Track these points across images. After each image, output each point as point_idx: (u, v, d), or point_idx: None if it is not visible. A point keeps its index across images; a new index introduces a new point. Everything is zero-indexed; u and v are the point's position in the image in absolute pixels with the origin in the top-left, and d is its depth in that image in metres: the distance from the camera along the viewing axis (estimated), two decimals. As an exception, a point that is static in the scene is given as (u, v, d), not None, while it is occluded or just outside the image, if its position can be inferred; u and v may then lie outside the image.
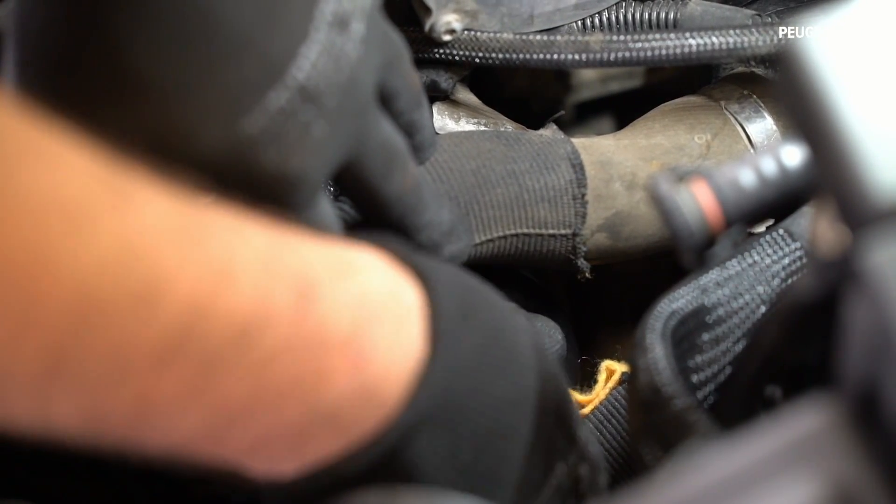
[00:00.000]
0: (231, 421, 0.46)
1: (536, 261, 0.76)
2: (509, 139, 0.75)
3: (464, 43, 0.78)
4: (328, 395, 0.47)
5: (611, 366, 0.77)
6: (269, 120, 0.53)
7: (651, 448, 0.56)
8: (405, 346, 0.50)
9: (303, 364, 0.46)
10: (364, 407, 0.49)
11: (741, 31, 0.75)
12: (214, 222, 0.45)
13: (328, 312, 0.47)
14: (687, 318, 0.59)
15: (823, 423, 0.39)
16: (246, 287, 0.44)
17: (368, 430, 0.49)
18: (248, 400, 0.45)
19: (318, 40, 0.54)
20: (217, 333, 0.43)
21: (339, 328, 0.47)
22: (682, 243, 0.51)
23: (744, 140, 0.80)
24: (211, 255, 0.44)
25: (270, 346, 0.45)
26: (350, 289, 0.48)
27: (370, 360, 0.48)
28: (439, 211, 0.65)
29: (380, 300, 0.50)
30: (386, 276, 0.51)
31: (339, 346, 0.47)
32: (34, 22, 0.54)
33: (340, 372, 0.47)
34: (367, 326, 0.48)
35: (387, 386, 0.49)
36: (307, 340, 0.46)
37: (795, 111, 0.41)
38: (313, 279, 0.47)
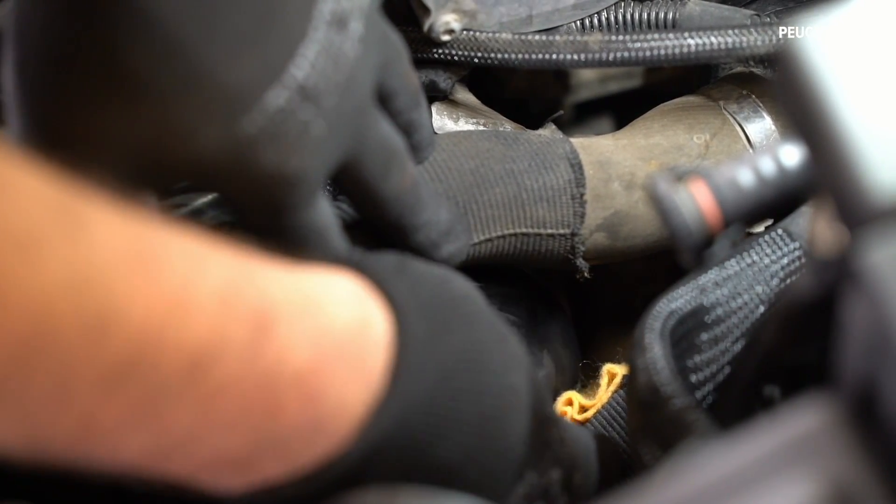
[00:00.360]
0: (177, 444, 0.45)
1: (535, 260, 0.76)
2: (508, 139, 0.75)
3: (462, 43, 0.78)
4: (277, 425, 0.47)
5: (612, 369, 0.77)
6: (267, 119, 0.53)
7: (650, 447, 0.56)
8: (363, 380, 0.49)
9: (254, 396, 0.46)
10: (313, 438, 0.48)
11: (740, 31, 0.75)
12: (172, 249, 0.44)
13: (285, 347, 0.46)
14: (686, 317, 0.59)
15: (821, 423, 0.39)
16: (200, 319, 0.44)
17: (316, 459, 0.49)
18: (194, 427, 0.45)
19: (316, 40, 0.54)
20: (166, 364, 0.43)
21: (295, 363, 0.47)
22: (680, 243, 0.51)
23: (742, 140, 0.80)
24: (165, 284, 0.43)
25: (220, 379, 0.45)
26: (310, 323, 0.48)
27: (324, 394, 0.48)
28: (437, 210, 0.65)
29: (342, 335, 0.49)
30: (352, 307, 0.50)
31: (292, 381, 0.47)
32: (33, 22, 0.54)
33: (292, 405, 0.47)
34: (325, 362, 0.48)
35: (339, 419, 0.49)
36: (260, 375, 0.46)
37: (794, 111, 0.41)
38: (272, 312, 0.46)
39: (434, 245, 0.65)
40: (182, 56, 0.51)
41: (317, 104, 0.54)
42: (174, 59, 0.51)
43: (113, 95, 0.52)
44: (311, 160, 0.55)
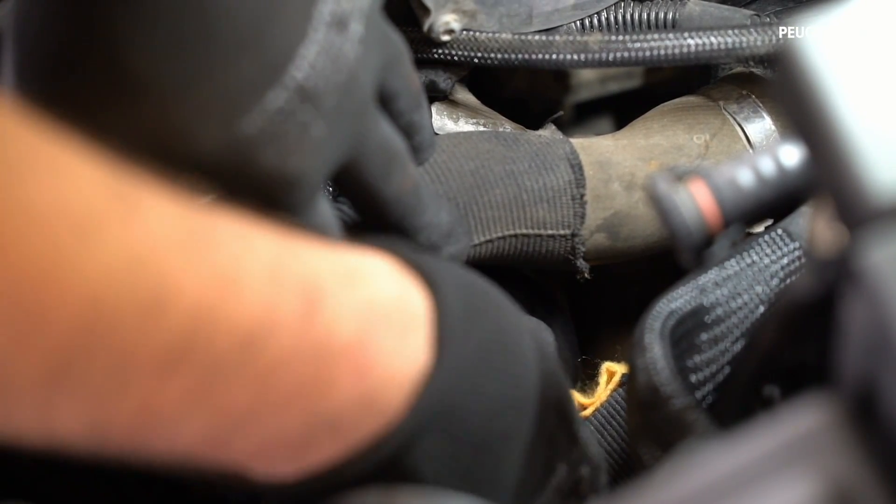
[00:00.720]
0: (234, 427, 0.46)
1: (535, 261, 0.76)
2: (508, 139, 0.75)
3: (462, 43, 0.78)
4: (331, 401, 0.47)
5: (611, 367, 0.77)
6: (267, 120, 0.53)
7: (649, 447, 0.56)
8: (409, 352, 0.50)
9: (307, 372, 0.46)
10: (366, 413, 0.49)
11: (740, 31, 0.75)
12: (221, 230, 0.45)
13: (333, 320, 0.47)
14: (685, 317, 0.59)
15: (821, 422, 0.39)
16: (252, 295, 0.44)
17: (369, 436, 0.49)
18: (251, 407, 0.45)
19: (316, 40, 0.54)
20: (222, 342, 0.43)
21: (344, 336, 0.47)
22: (680, 243, 0.51)
23: (742, 140, 0.80)
24: (217, 263, 0.44)
25: (275, 354, 0.45)
26: (356, 296, 0.48)
27: (374, 367, 0.48)
28: (438, 212, 0.65)
29: (386, 307, 0.49)
30: (392, 281, 0.51)
31: (343, 354, 0.47)
32: (32, 22, 0.54)
33: (344, 379, 0.47)
34: (372, 334, 0.48)
35: (389, 393, 0.49)
36: (312, 348, 0.46)
37: (793, 111, 0.41)
38: (319, 287, 0.47)
39: (435, 247, 0.65)
40: (181, 57, 0.51)
41: (316, 105, 0.54)
42: (173, 60, 0.51)
43: (112, 96, 0.52)
44: (311, 161, 0.55)
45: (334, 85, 0.55)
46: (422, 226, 0.64)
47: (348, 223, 0.64)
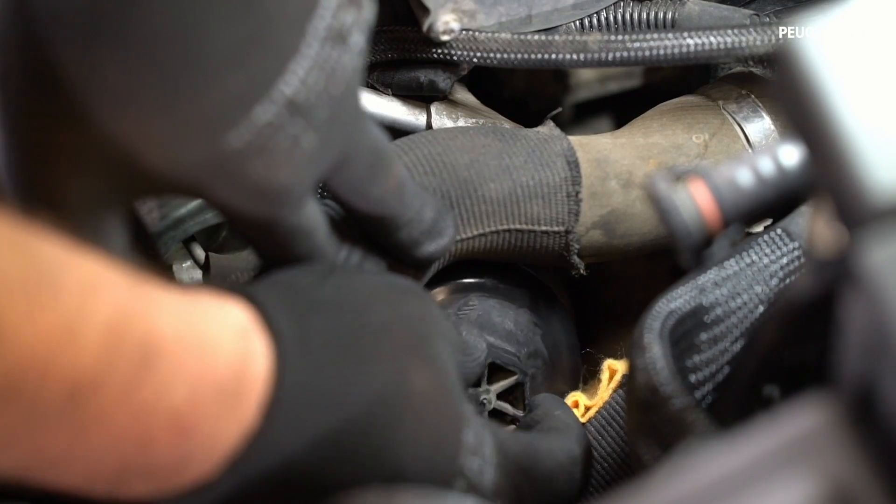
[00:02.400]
0: (49, 464, 0.46)
1: (529, 256, 0.76)
2: (505, 135, 0.75)
3: (462, 43, 0.78)
4: (146, 457, 0.48)
5: (612, 365, 0.77)
6: (255, 134, 0.53)
7: (649, 447, 0.56)
8: (238, 419, 0.50)
9: (126, 429, 0.47)
10: (181, 469, 0.50)
11: (739, 30, 0.75)
12: (66, 279, 0.45)
13: (163, 385, 0.47)
14: (685, 317, 0.59)
15: (820, 422, 0.39)
16: (86, 350, 0.44)
17: (185, 485, 0.50)
18: (67, 450, 0.46)
19: (308, 56, 0.54)
20: (48, 391, 0.44)
21: (171, 401, 0.48)
22: (679, 243, 0.51)
23: (742, 140, 0.80)
24: (56, 314, 0.43)
25: (97, 409, 0.45)
26: (193, 363, 0.49)
27: (195, 431, 0.49)
28: (421, 210, 0.65)
29: (223, 373, 0.50)
30: (238, 344, 0.51)
31: (165, 418, 0.48)
32: (12, 36, 0.53)
33: (162, 440, 0.48)
34: (202, 401, 0.49)
35: (209, 453, 0.50)
36: (135, 409, 0.47)
37: (793, 111, 0.41)
38: (157, 350, 0.47)
39: (415, 243, 0.65)
40: (164, 73, 0.51)
41: (307, 118, 0.54)
42: (156, 76, 0.51)
43: (93, 110, 0.52)
44: (301, 171, 0.56)
45: (328, 98, 0.55)
46: (403, 223, 0.64)
47: (336, 219, 0.65)
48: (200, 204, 0.77)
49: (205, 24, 0.50)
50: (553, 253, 0.76)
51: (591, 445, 0.78)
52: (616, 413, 0.77)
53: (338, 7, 0.55)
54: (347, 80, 0.56)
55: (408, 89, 0.82)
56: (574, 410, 0.79)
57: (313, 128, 0.55)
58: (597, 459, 0.76)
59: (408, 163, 0.72)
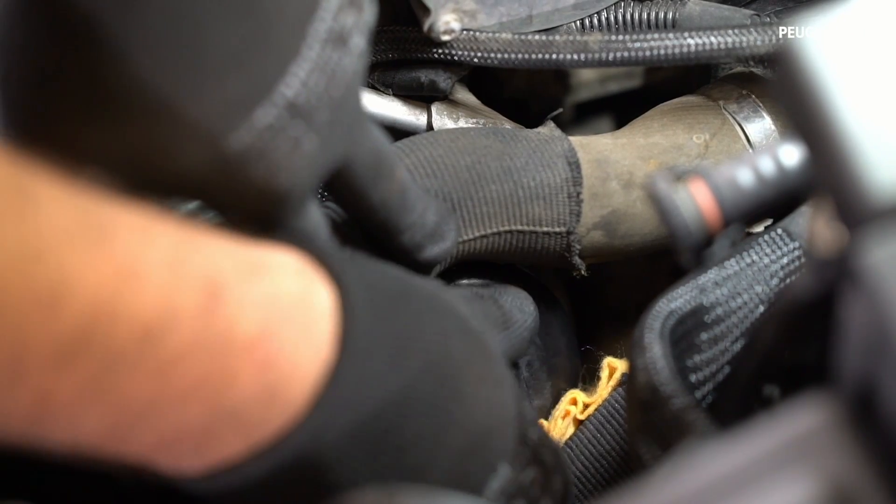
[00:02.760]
0: (135, 419, 0.46)
1: (530, 257, 0.76)
2: (506, 136, 0.75)
3: (462, 43, 0.78)
4: (233, 395, 0.47)
5: (612, 363, 0.77)
6: (256, 136, 0.53)
7: (649, 447, 0.56)
8: (313, 348, 0.50)
9: (208, 365, 0.46)
10: (269, 408, 0.49)
11: (740, 30, 0.75)
12: (120, 223, 0.45)
13: (235, 313, 0.47)
14: (685, 317, 0.59)
15: (820, 422, 0.39)
16: (151, 288, 0.44)
17: (273, 432, 0.49)
18: (151, 399, 0.46)
19: (309, 58, 0.54)
20: (120, 335, 0.43)
21: (246, 329, 0.47)
22: (680, 242, 0.51)
23: (742, 140, 0.80)
24: (115, 256, 0.44)
25: (175, 347, 0.45)
26: (258, 289, 0.49)
27: (276, 361, 0.48)
28: (424, 213, 0.65)
29: (289, 301, 0.50)
30: (297, 277, 0.51)
31: (244, 348, 0.47)
32: (14, 39, 0.54)
33: (246, 373, 0.47)
34: (275, 328, 0.48)
35: (293, 388, 0.49)
36: (213, 341, 0.46)
37: (793, 110, 0.41)
38: (221, 280, 0.47)
39: (418, 247, 0.65)
40: (165, 77, 0.51)
41: (308, 120, 0.54)
42: (157, 80, 0.51)
43: (94, 115, 0.52)
44: (302, 174, 0.56)
45: (328, 100, 0.55)
46: (405, 226, 0.64)
47: (337, 221, 0.65)
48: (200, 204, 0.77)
49: (205, 26, 0.51)
50: (554, 254, 0.76)
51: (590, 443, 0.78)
52: (615, 411, 0.77)
53: (338, 9, 0.55)
54: (348, 82, 0.56)
55: (408, 89, 0.82)
56: (572, 408, 0.79)
57: (314, 130, 0.55)
58: (595, 458, 0.76)
59: (409, 165, 0.72)
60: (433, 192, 0.71)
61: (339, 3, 0.55)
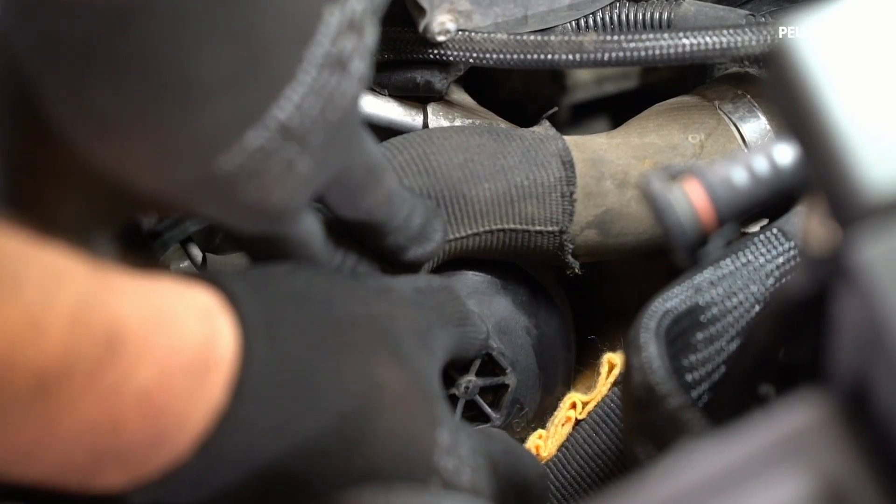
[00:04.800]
0: (20, 458, 0.47)
1: (523, 256, 0.76)
2: (500, 134, 0.75)
3: (458, 43, 0.78)
4: (118, 440, 0.48)
5: (612, 358, 0.77)
6: (247, 158, 0.53)
7: (645, 446, 0.56)
8: (207, 396, 0.51)
9: (96, 415, 0.47)
10: (153, 451, 0.50)
11: (735, 31, 0.75)
12: (28, 270, 0.45)
13: (131, 367, 0.47)
14: (681, 316, 0.59)
15: (814, 419, 0.40)
16: (52, 339, 0.45)
17: (157, 469, 0.50)
18: (36, 444, 0.46)
19: (304, 82, 0.53)
20: (15, 383, 0.44)
21: (139, 383, 0.48)
22: (674, 242, 0.52)
23: (738, 140, 0.80)
24: (21, 305, 0.44)
25: (67, 398, 0.46)
26: (159, 343, 0.49)
27: (165, 412, 0.49)
28: (409, 216, 0.65)
29: (189, 353, 0.50)
30: (202, 323, 0.51)
31: (135, 400, 0.48)
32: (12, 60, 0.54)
33: (133, 423, 0.48)
34: (169, 380, 0.49)
35: (180, 434, 0.50)
36: (105, 394, 0.47)
37: (786, 109, 0.41)
38: (122, 333, 0.47)
39: (401, 249, 0.66)
40: (155, 98, 0.51)
41: (301, 143, 0.54)
42: (146, 101, 0.51)
43: (82, 133, 0.52)
44: (295, 194, 0.56)
45: (325, 123, 0.55)
46: (390, 230, 0.65)
47: (330, 223, 0.65)
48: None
49: (198, 51, 0.50)
50: (547, 252, 0.76)
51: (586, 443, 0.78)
52: (611, 411, 0.77)
53: (337, 34, 0.54)
54: (346, 106, 0.56)
55: (404, 90, 0.82)
56: (572, 413, 0.79)
57: (308, 152, 0.55)
58: (591, 457, 0.76)
59: (402, 162, 0.72)
60: (425, 189, 0.71)
61: (339, 28, 0.54)
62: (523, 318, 0.79)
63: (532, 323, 0.80)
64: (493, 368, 0.77)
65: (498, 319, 0.78)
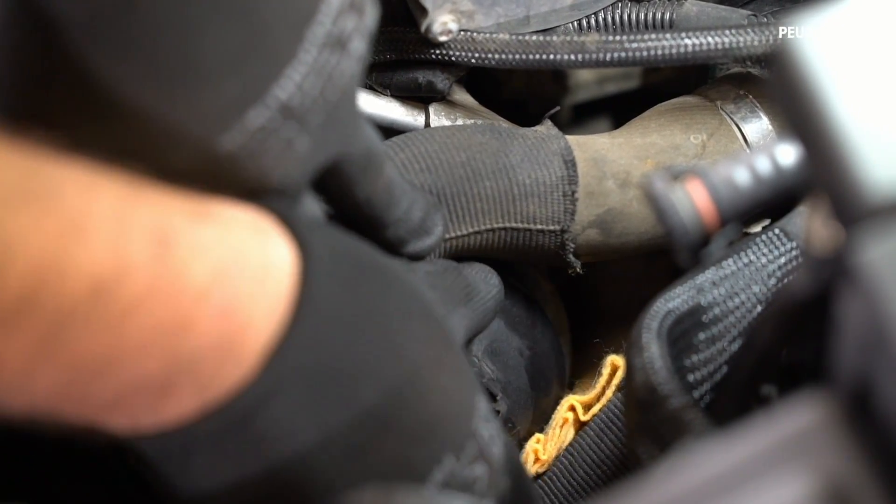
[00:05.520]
0: (91, 377, 0.46)
1: (524, 254, 0.76)
2: (502, 133, 0.75)
3: (460, 43, 0.78)
4: (188, 344, 0.47)
5: (616, 361, 0.77)
6: (248, 137, 0.53)
7: (647, 447, 0.56)
8: (269, 303, 0.50)
9: (162, 314, 0.46)
10: (224, 360, 0.49)
11: (737, 31, 0.75)
12: (65, 181, 0.45)
13: (186, 259, 0.47)
14: (683, 317, 0.60)
15: (817, 420, 0.39)
16: (99, 242, 0.44)
17: (227, 387, 0.49)
18: (106, 355, 0.45)
19: (305, 61, 0.53)
20: (70, 291, 0.43)
21: (199, 276, 0.47)
22: (677, 242, 0.51)
23: (739, 140, 0.80)
24: (61, 213, 0.43)
25: (127, 299, 0.45)
26: (210, 236, 0.48)
27: (231, 310, 0.48)
28: (410, 209, 0.65)
29: (242, 251, 0.49)
30: (253, 231, 0.51)
31: (199, 295, 0.47)
32: (5, 40, 0.54)
33: (201, 321, 0.47)
34: (229, 276, 0.48)
35: (248, 340, 0.49)
36: (166, 289, 0.46)
37: (788, 109, 0.41)
38: (170, 227, 0.47)
39: (401, 241, 0.65)
40: (161, 77, 0.51)
41: (301, 122, 0.54)
42: (149, 81, 0.51)
43: (85, 113, 0.52)
44: (294, 174, 0.56)
45: (324, 103, 0.55)
46: (390, 221, 0.64)
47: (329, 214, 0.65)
48: None
49: (202, 30, 0.50)
50: (549, 252, 0.76)
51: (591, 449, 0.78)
52: (616, 416, 0.77)
53: (338, 13, 0.54)
54: (345, 85, 0.56)
55: (406, 90, 0.82)
56: (570, 415, 0.79)
57: (307, 132, 0.55)
58: (597, 463, 0.76)
59: (403, 160, 0.72)
60: (427, 187, 0.71)
61: (340, 7, 0.54)
62: (516, 340, 0.79)
63: (525, 344, 0.79)
64: None
65: (490, 341, 0.78)
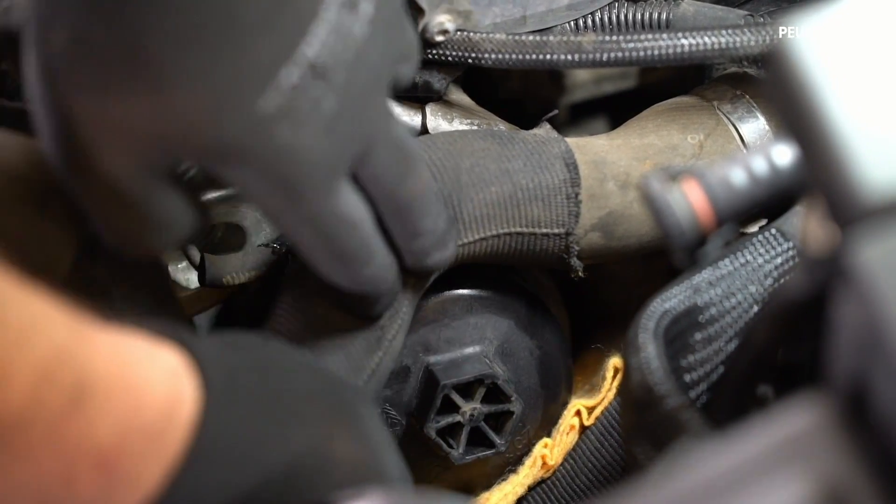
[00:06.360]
0: None
1: (529, 259, 0.76)
2: (504, 138, 0.75)
3: (457, 43, 0.78)
4: (67, 496, 0.48)
5: (618, 363, 0.77)
6: (284, 98, 0.54)
7: (644, 447, 0.56)
8: (162, 459, 0.50)
9: (51, 467, 0.46)
10: None
11: (733, 31, 0.75)
12: (10, 315, 0.45)
13: (91, 424, 0.47)
14: (679, 317, 0.60)
15: (813, 421, 0.39)
16: (19, 389, 0.44)
17: None
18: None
19: (327, 19, 0.56)
20: None
21: (98, 439, 0.47)
22: (673, 242, 0.52)
23: (736, 140, 0.80)
24: None
25: (23, 447, 0.45)
26: (122, 403, 0.48)
27: (119, 471, 0.48)
28: (437, 219, 0.65)
29: (150, 415, 0.49)
30: (168, 386, 0.51)
31: (90, 456, 0.47)
32: (54, 15, 0.55)
33: (85, 479, 0.48)
34: (127, 440, 0.49)
35: (132, 493, 0.49)
36: (62, 446, 0.46)
37: (785, 110, 0.41)
38: (89, 389, 0.47)
39: (426, 253, 0.66)
40: (202, 41, 0.53)
41: (327, 80, 0.56)
42: (195, 45, 0.53)
43: (135, 82, 0.53)
44: (324, 137, 0.57)
45: (343, 61, 0.56)
46: (422, 231, 0.65)
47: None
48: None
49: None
50: (553, 256, 0.76)
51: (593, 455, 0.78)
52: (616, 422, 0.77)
53: None
54: (357, 46, 0.57)
55: (403, 90, 0.82)
56: (575, 420, 0.79)
57: (333, 90, 0.56)
58: (598, 469, 0.76)
59: None
60: None
61: None
62: (526, 340, 0.79)
63: (534, 343, 0.80)
64: (498, 395, 0.77)
65: (501, 342, 0.78)
